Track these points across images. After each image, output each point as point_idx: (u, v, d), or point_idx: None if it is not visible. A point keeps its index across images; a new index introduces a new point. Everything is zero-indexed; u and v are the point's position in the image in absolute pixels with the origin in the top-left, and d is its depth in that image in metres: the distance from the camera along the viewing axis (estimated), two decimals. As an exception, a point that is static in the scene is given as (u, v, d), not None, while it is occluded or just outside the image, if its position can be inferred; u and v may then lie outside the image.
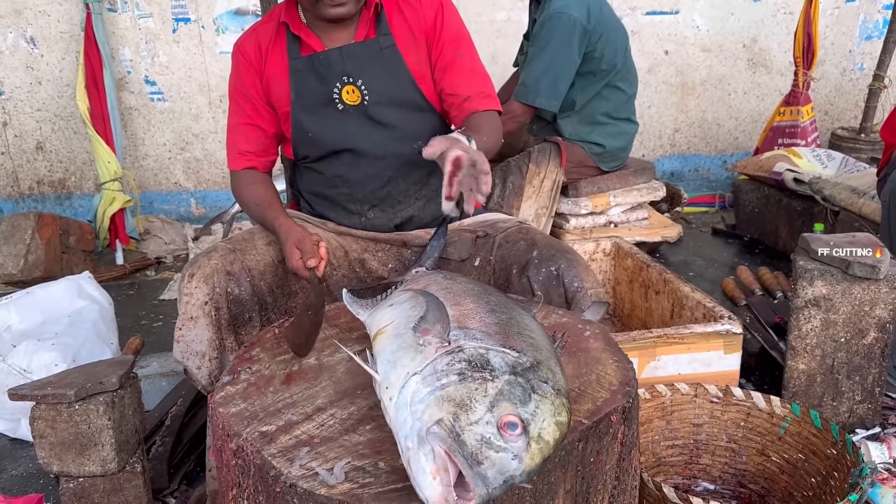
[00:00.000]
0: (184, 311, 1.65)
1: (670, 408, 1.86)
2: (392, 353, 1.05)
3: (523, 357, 1.01)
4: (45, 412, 1.59)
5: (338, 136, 1.82)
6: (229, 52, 4.08)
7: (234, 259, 1.71)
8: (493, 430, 0.89)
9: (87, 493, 1.66)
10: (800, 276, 1.97)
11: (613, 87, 3.08)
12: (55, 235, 3.37)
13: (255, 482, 1.05)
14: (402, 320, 1.13)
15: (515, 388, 0.95)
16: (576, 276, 1.70)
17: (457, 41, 1.83)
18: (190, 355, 1.65)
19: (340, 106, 1.80)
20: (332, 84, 1.78)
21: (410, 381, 0.97)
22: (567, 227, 3.20)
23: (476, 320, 1.10)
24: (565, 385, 1.01)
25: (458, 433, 0.89)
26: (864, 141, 4.08)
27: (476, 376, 0.95)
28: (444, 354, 1.00)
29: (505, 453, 0.88)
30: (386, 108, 1.80)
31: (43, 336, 2.28)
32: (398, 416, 0.95)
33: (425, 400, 0.93)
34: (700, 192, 4.54)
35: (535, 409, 0.93)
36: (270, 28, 1.84)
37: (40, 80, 4.01)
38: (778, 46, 4.61)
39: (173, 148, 4.25)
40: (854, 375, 2.02)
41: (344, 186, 1.86)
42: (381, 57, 1.79)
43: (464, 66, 1.82)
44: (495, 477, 0.87)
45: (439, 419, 0.90)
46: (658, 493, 1.50)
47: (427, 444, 0.88)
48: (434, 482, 0.86)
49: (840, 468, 1.65)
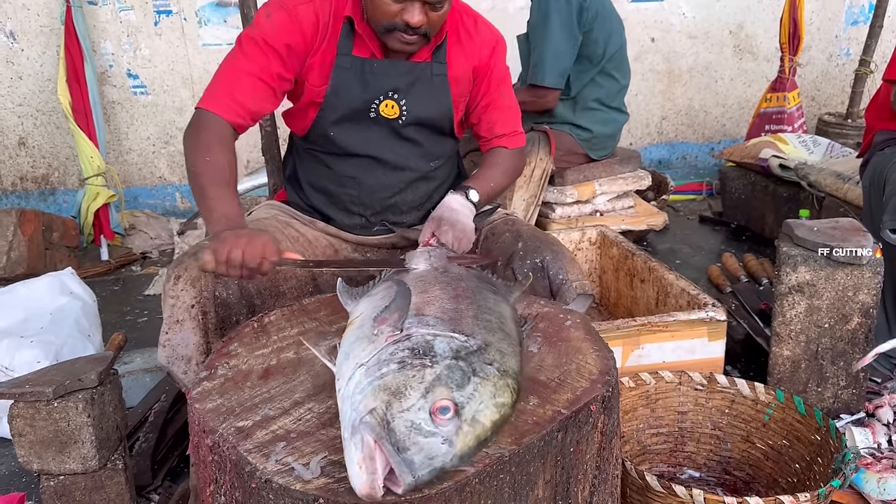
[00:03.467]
0: (170, 314, 1.59)
1: (654, 396, 1.86)
2: (350, 345, 1.05)
3: (471, 341, 1.01)
4: (24, 410, 1.57)
5: (361, 143, 1.78)
6: (212, 44, 4.11)
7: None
8: (424, 415, 0.91)
9: (68, 491, 1.65)
10: (783, 263, 1.96)
11: (607, 74, 3.09)
12: (38, 232, 3.34)
13: (232, 478, 1.04)
14: (369, 311, 1.13)
15: (454, 373, 0.95)
16: (560, 267, 1.70)
17: (503, 80, 1.87)
18: (175, 360, 1.59)
19: (373, 115, 1.76)
20: (374, 95, 1.73)
21: (357, 373, 0.98)
22: (553, 216, 3.20)
23: (435, 307, 1.10)
24: (516, 367, 1.01)
25: (389, 421, 0.90)
26: (850, 126, 4.09)
27: (415, 363, 0.96)
28: (390, 343, 1.00)
29: (434, 438, 0.89)
30: (417, 129, 1.80)
31: (25, 333, 2.26)
32: (342, 407, 0.96)
33: (364, 390, 0.94)
34: (687, 179, 4.54)
35: (472, 392, 0.94)
36: (327, 9, 1.69)
37: (21, 74, 3.96)
38: (764, 32, 4.61)
39: (157, 142, 4.21)
40: (838, 361, 2.02)
41: (353, 188, 1.83)
42: (430, 82, 1.76)
43: (503, 105, 1.87)
44: (423, 462, 0.88)
45: (373, 408, 0.91)
46: (641, 482, 1.49)
47: (358, 434, 0.89)
48: (360, 471, 0.86)
49: (824, 454, 1.65)
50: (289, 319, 1.43)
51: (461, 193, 1.74)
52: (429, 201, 1.88)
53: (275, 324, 1.41)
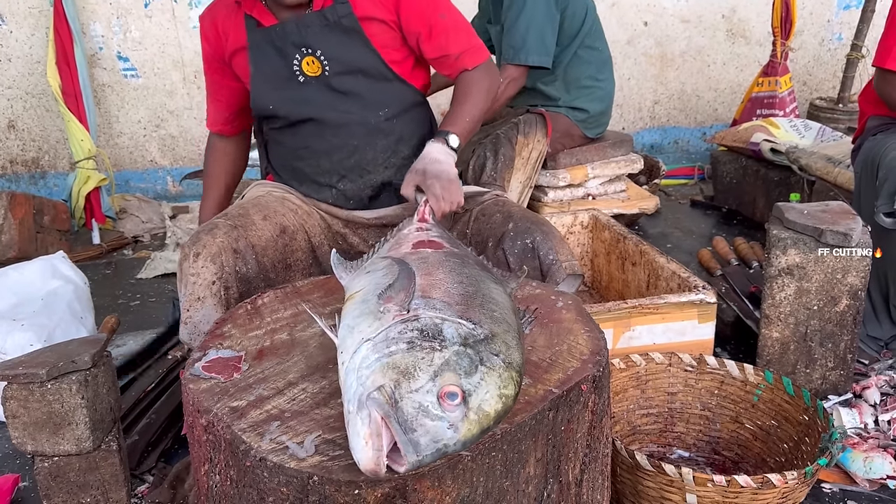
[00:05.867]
0: (190, 291, 1.60)
1: (645, 377, 1.88)
2: (353, 319, 1.05)
3: (478, 329, 1.01)
4: (17, 392, 1.57)
5: (299, 107, 1.81)
6: (202, 26, 4.08)
7: (238, 236, 1.67)
8: (432, 398, 0.91)
9: (62, 473, 1.66)
10: (773, 245, 1.98)
11: (588, 47, 3.06)
12: (28, 215, 3.33)
13: (226, 457, 1.05)
14: (372, 287, 1.13)
15: (462, 359, 0.95)
16: (550, 248, 1.70)
17: (434, 3, 1.80)
18: (198, 336, 1.59)
19: (301, 78, 1.79)
20: (290, 56, 1.77)
21: (362, 347, 0.98)
22: (545, 199, 3.20)
23: (441, 290, 1.09)
24: (519, 360, 1.01)
25: (397, 400, 0.90)
26: (841, 111, 4.09)
27: (425, 345, 0.96)
28: (399, 322, 1.00)
29: (441, 422, 0.90)
30: (348, 78, 1.79)
31: (17, 316, 2.25)
32: (346, 380, 0.96)
33: (372, 366, 0.94)
34: (679, 164, 4.54)
35: (479, 381, 0.94)
36: (221, 9, 1.86)
37: (10, 56, 3.92)
38: (757, 17, 4.60)
39: (148, 125, 4.19)
40: (827, 343, 2.04)
41: (311, 158, 1.86)
42: (338, 26, 1.76)
43: (447, 26, 1.80)
44: (427, 444, 0.88)
45: (381, 385, 0.91)
46: (631, 461, 1.51)
47: (365, 409, 0.89)
48: (366, 446, 0.87)
49: (811, 433, 1.67)
50: (282, 301, 1.43)
51: (441, 141, 1.71)
52: (395, 155, 1.87)
53: (268, 306, 1.41)
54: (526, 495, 1.07)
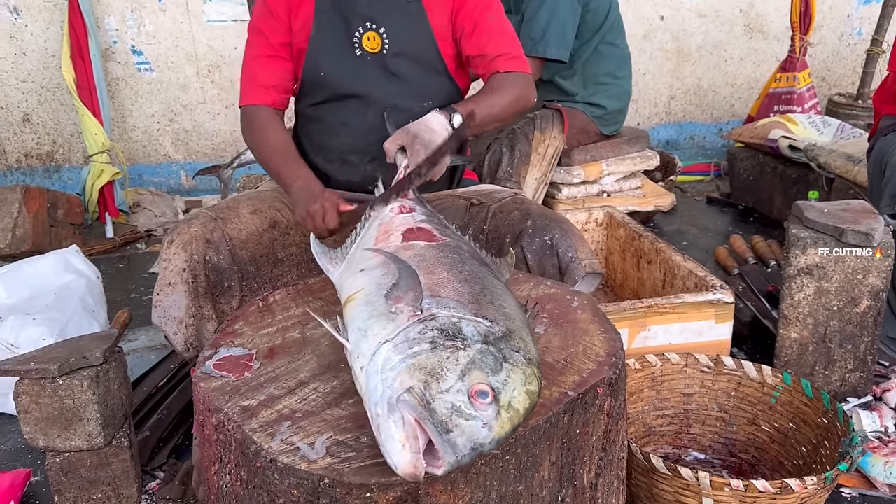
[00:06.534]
0: (162, 276, 1.65)
1: (660, 378, 1.85)
2: (364, 322, 1.04)
3: (495, 326, 1.01)
4: (29, 387, 1.57)
5: (350, 80, 1.81)
6: (216, 20, 4.07)
7: (215, 227, 1.69)
8: (463, 398, 0.90)
9: (73, 468, 1.65)
10: (792, 245, 1.95)
11: (609, 43, 3.04)
12: (42, 209, 3.33)
13: (237, 457, 1.03)
14: (374, 287, 1.11)
15: (487, 357, 0.95)
16: (570, 246, 1.68)
17: (487, 5, 1.82)
18: (167, 321, 1.65)
19: (359, 52, 1.80)
20: (354, 27, 1.78)
21: (382, 349, 0.97)
22: (559, 196, 3.17)
23: (449, 289, 1.08)
24: (536, 355, 1.01)
25: (429, 401, 0.89)
26: (861, 107, 4.03)
27: (448, 345, 0.95)
28: (416, 322, 0.99)
29: (475, 421, 0.88)
30: (403, 61, 1.81)
31: (30, 310, 2.25)
32: (369, 383, 0.94)
33: (396, 367, 0.93)
34: (695, 160, 4.50)
35: (506, 379, 0.93)
36: None
37: (25, 50, 3.93)
38: (775, 11, 4.54)
39: (161, 119, 4.19)
40: (846, 344, 2.01)
41: (347, 135, 1.84)
42: (405, 9, 1.79)
43: (492, 28, 1.80)
44: (464, 444, 0.87)
45: (410, 387, 0.90)
46: (646, 464, 1.49)
47: (397, 412, 0.88)
48: (403, 449, 0.85)
49: (831, 437, 1.64)
50: (294, 299, 1.42)
51: (444, 114, 1.67)
52: None
53: (280, 303, 1.40)
54: (540, 499, 1.05)
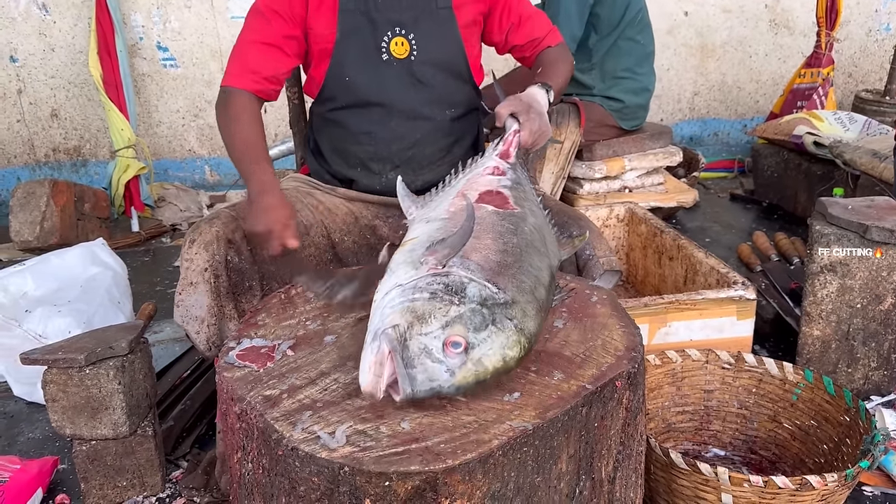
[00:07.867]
0: (184, 276, 1.65)
1: (681, 374, 1.85)
2: (397, 265, 1.17)
3: (500, 294, 1.10)
4: (57, 376, 1.60)
5: (377, 87, 1.77)
6: (240, 16, 4.09)
7: (237, 227, 1.68)
8: (437, 343, 1.02)
9: (99, 456, 1.69)
10: (816, 241, 1.93)
11: (630, 39, 3.03)
12: (70, 202, 3.39)
13: (259, 445, 1.05)
14: (424, 238, 1.24)
15: (476, 316, 1.05)
16: (588, 243, 1.69)
17: None
18: (189, 320, 1.64)
19: (385, 57, 1.76)
20: (382, 31, 1.74)
21: (393, 290, 1.10)
22: (580, 191, 3.16)
23: (480, 255, 1.18)
24: (533, 329, 1.10)
25: (406, 339, 1.02)
26: (888, 104, 3.98)
27: (446, 299, 1.06)
28: (430, 275, 1.11)
29: (440, 365, 1.01)
30: (430, 68, 1.79)
31: (58, 302, 2.30)
32: (373, 314, 1.09)
33: (395, 307, 1.06)
34: (719, 156, 4.46)
35: (486, 338, 1.04)
36: None
37: (53, 46, 3.99)
38: (801, 6, 4.49)
39: (186, 115, 4.24)
40: (870, 342, 1.99)
41: (369, 144, 1.82)
42: (435, 15, 1.77)
43: (531, 14, 1.91)
44: (423, 381, 1.00)
45: (396, 324, 1.03)
46: (665, 459, 1.49)
47: (377, 341, 1.02)
48: (368, 371, 1.00)
49: (853, 435, 1.63)
50: (315, 291, 1.43)
51: (544, 90, 1.75)
52: (449, 155, 1.86)
53: (301, 295, 1.42)
54: (557, 492, 1.06)
